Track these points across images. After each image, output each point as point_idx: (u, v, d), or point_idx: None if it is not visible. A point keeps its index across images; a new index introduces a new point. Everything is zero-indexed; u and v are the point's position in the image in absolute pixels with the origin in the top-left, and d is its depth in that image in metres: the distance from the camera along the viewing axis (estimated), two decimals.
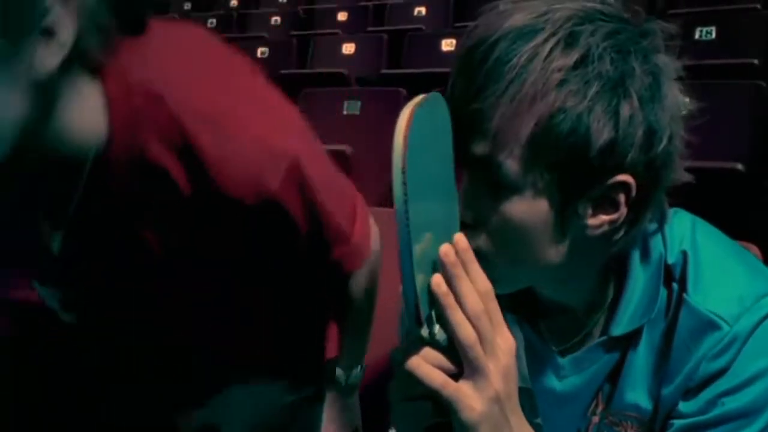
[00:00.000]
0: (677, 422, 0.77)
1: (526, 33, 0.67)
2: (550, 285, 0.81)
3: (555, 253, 0.73)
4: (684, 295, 0.76)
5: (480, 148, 0.69)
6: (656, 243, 0.79)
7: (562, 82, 0.66)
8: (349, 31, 4.59)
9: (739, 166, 1.69)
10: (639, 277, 0.78)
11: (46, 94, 0.66)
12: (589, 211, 0.70)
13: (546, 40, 0.66)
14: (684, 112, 0.72)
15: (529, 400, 0.87)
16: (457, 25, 4.29)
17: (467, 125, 0.69)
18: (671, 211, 0.79)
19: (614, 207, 0.70)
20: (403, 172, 0.60)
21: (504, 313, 0.82)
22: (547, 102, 0.66)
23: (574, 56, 0.66)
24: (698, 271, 0.76)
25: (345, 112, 2.89)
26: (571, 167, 0.67)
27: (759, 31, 3.07)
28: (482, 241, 0.72)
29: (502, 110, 0.67)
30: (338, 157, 2.17)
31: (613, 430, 0.83)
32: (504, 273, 0.73)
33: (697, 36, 3.05)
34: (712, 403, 0.75)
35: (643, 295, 0.78)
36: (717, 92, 2.31)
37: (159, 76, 0.71)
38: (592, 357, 0.82)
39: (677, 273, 0.77)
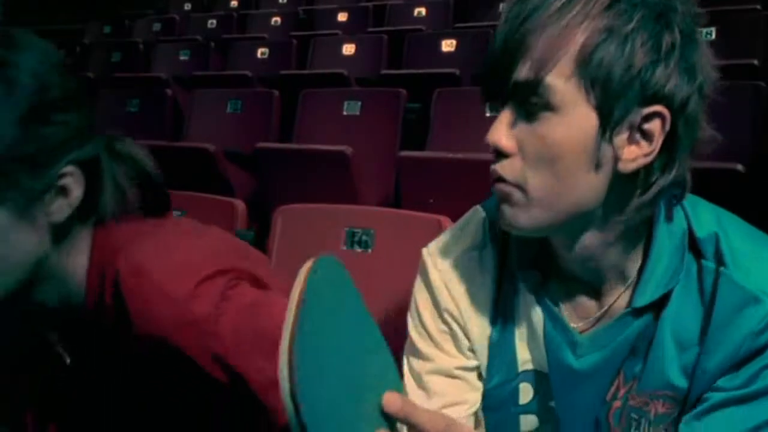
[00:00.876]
0: (716, 395, 0.78)
1: None
2: (580, 245, 0.80)
3: (590, 186, 0.74)
4: (722, 269, 0.78)
5: (525, 72, 0.72)
6: (679, 218, 0.81)
7: (610, 5, 0.70)
8: (349, 31, 4.59)
9: (739, 167, 1.70)
10: (664, 248, 0.80)
11: (56, 237, 0.79)
12: (625, 140, 0.73)
13: None
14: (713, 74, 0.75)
15: (543, 383, 0.88)
16: (457, 25, 4.29)
17: (513, 52, 0.73)
18: (693, 198, 0.82)
19: (648, 140, 0.72)
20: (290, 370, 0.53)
21: (525, 292, 0.85)
22: (595, 23, 0.70)
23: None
24: (734, 249, 0.79)
25: (345, 113, 2.89)
26: (613, 89, 0.70)
27: (759, 32, 3.07)
28: (519, 170, 0.75)
29: (550, 31, 0.71)
30: (338, 158, 2.17)
31: (641, 411, 0.83)
32: (539, 212, 0.75)
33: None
34: (755, 376, 0.77)
35: (668, 265, 0.80)
36: (717, 92, 2.31)
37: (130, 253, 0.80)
38: (611, 333, 0.83)
39: (709, 250, 0.79)
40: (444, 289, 0.90)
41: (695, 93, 0.73)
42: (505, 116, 0.75)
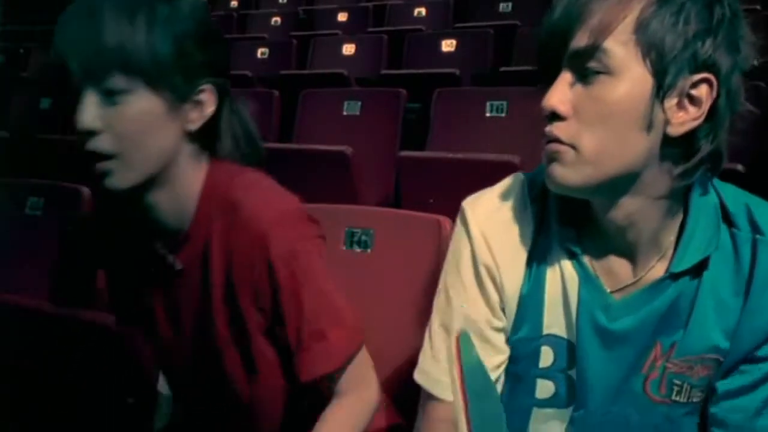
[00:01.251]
0: (757, 368, 0.84)
1: None
2: (621, 209, 0.84)
3: (640, 147, 0.79)
4: (759, 237, 0.85)
5: (584, 40, 0.77)
6: (711, 191, 0.88)
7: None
8: (349, 31, 4.58)
9: (739, 167, 1.70)
10: (701, 217, 0.86)
11: (184, 149, 0.99)
12: (675, 105, 0.78)
13: None
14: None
15: (565, 351, 0.91)
16: (457, 25, 4.28)
17: (571, 21, 0.78)
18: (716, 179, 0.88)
19: (696, 105, 0.78)
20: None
21: (561, 252, 0.91)
22: (658, 5, 0.76)
23: None
24: (766, 220, 0.86)
25: (345, 113, 2.89)
26: (667, 54, 0.76)
27: (759, 32, 3.07)
28: (575, 131, 0.79)
29: (610, 7, 0.76)
30: (338, 158, 2.17)
31: (683, 377, 0.87)
32: (590, 170, 0.80)
33: None
34: None
35: (705, 233, 0.85)
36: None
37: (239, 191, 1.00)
38: (646, 298, 0.87)
39: (742, 220, 0.86)
40: (482, 241, 0.93)
41: (738, 66, 0.79)
42: (563, 81, 0.80)
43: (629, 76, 0.77)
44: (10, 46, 5.67)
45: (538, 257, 0.92)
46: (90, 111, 0.91)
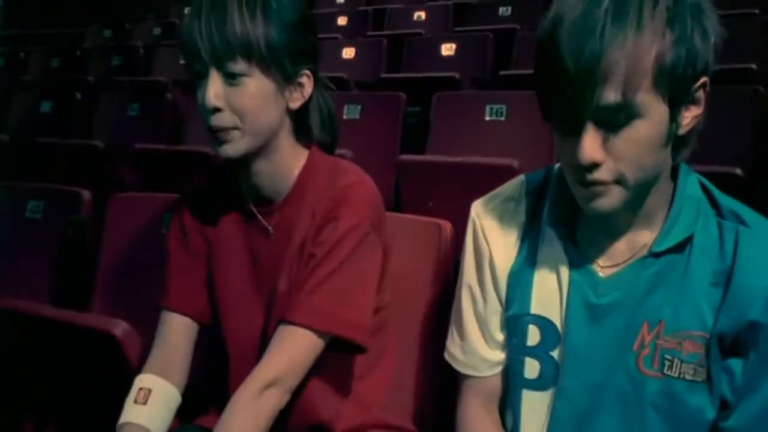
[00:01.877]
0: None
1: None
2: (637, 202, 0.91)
3: (664, 156, 0.88)
4: (741, 227, 0.90)
5: (612, 97, 0.80)
6: (696, 184, 0.95)
7: (671, 19, 0.80)
8: (349, 35, 4.59)
9: (738, 171, 1.70)
10: (684, 202, 0.92)
11: (287, 126, 1.15)
12: (683, 112, 0.85)
13: None
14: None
15: (551, 332, 0.98)
16: (457, 29, 4.29)
17: (595, 83, 0.79)
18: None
19: (698, 104, 0.86)
20: None
21: (553, 238, 0.98)
22: (666, 37, 0.80)
23: None
24: (736, 206, 0.93)
25: (345, 117, 2.89)
26: (680, 83, 0.82)
27: (758, 36, 3.08)
28: (614, 170, 0.84)
29: (629, 59, 0.79)
30: None
31: (674, 352, 0.91)
32: (631, 193, 0.86)
33: None
34: None
35: (686, 217, 0.92)
36: (716, 97, 2.31)
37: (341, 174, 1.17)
38: (632, 274, 0.93)
39: (729, 213, 0.92)
40: (480, 232, 1.05)
41: (719, 50, 0.85)
42: (591, 135, 0.83)
43: (653, 112, 0.82)
44: (10, 49, 5.68)
45: (530, 240, 1.01)
46: (215, 91, 1.06)
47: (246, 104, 1.07)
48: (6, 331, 1.30)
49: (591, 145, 0.82)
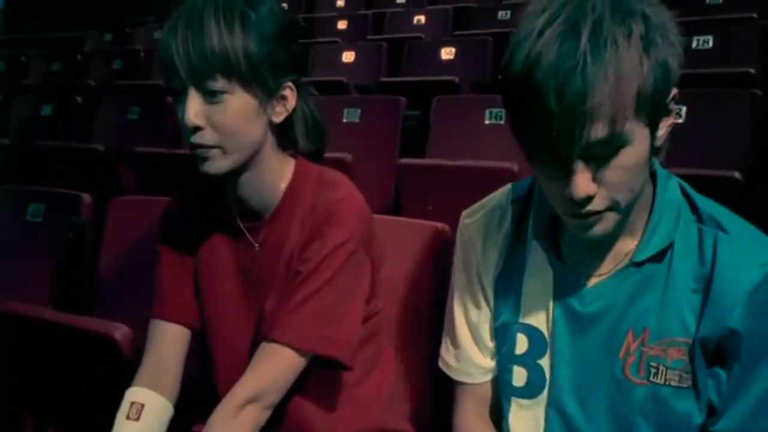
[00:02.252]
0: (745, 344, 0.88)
1: (598, 29, 0.78)
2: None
3: (646, 174, 0.89)
4: (720, 233, 0.90)
5: (600, 132, 0.79)
6: (676, 191, 0.95)
7: (646, 46, 0.79)
8: (348, 39, 4.60)
9: (737, 174, 1.71)
10: (663, 211, 0.93)
11: (270, 140, 1.12)
12: (661, 126, 0.86)
13: (612, 26, 0.78)
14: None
15: (539, 341, 0.98)
16: (457, 33, 4.30)
17: (583, 121, 0.78)
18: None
19: (671, 113, 0.87)
20: None
21: (538, 249, 0.99)
22: (644, 66, 0.79)
23: (639, 25, 0.79)
24: (716, 211, 0.93)
25: (345, 120, 2.90)
26: (659, 102, 0.83)
27: (756, 40, 3.08)
28: (608, 198, 0.85)
29: (613, 94, 0.78)
30: (338, 165, 2.17)
31: (659, 359, 0.91)
32: (624, 214, 0.87)
33: (694, 45, 3.07)
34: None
35: (665, 226, 0.92)
36: (714, 101, 2.33)
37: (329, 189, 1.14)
38: (615, 283, 0.93)
39: (708, 219, 0.92)
40: (467, 242, 1.07)
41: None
42: (582, 171, 0.82)
43: (638, 136, 0.82)
44: (11, 53, 5.69)
45: (516, 249, 1.02)
46: (195, 109, 1.03)
47: (227, 122, 1.04)
48: (7, 333, 1.31)
49: (583, 181, 0.82)
